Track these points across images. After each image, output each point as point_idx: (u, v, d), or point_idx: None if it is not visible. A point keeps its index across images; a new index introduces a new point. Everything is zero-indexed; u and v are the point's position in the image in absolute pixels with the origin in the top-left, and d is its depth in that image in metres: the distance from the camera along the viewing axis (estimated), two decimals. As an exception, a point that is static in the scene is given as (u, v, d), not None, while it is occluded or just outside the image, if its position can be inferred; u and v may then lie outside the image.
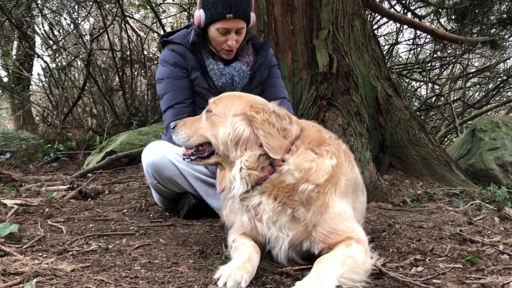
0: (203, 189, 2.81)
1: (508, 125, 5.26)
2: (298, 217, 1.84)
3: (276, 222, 1.85)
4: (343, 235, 1.83)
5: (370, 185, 3.67)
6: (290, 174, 1.83)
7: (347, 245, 1.77)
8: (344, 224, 1.86)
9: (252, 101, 1.94)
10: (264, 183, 1.85)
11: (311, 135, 1.92)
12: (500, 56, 10.09)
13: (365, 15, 4.94)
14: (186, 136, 2.05)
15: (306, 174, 1.82)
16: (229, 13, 2.71)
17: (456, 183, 4.39)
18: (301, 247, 1.90)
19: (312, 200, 1.82)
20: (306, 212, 1.83)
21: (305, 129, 1.96)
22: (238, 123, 1.85)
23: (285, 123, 1.89)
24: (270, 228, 1.86)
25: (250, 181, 1.84)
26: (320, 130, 2.00)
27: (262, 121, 1.81)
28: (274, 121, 1.84)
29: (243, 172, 1.84)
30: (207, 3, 2.75)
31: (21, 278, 1.67)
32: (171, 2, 9.77)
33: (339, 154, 1.92)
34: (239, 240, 1.94)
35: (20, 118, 9.38)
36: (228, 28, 2.76)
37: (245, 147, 1.84)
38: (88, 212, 2.96)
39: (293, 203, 1.84)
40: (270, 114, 1.85)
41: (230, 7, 2.70)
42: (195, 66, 2.89)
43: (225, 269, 1.67)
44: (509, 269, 1.95)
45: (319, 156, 1.85)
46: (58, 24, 8.89)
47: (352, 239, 1.81)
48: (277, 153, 1.80)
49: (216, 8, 2.71)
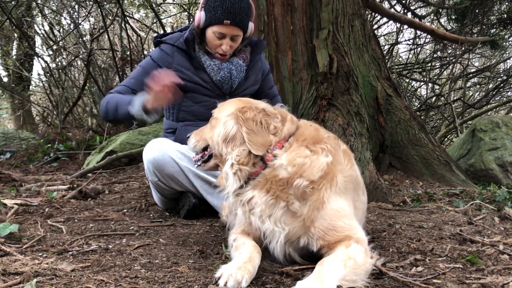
0: (203, 187, 2.81)
1: (508, 125, 5.26)
2: (294, 210, 1.83)
3: (271, 216, 1.86)
4: (341, 232, 1.82)
5: (370, 185, 3.67)
6: (283, 168, 1.84)
7: (347, 246, 1.77)
8: (342, 220, 1.85)
9: (245, 102, 2.00)
10: (257, 178, 1.88)
11: (307, 133, 1.94)
12: (500, 56, 10.09)
13: (365, 15, 4.94)
14: (194, 142, 2.16)
15: (299, 169, 1.83)
16: (227, 19, 2.79)
17: (456, 183, 4.39)
18: (298, 243, 1.89)
19: (307, 195, 1.82)
20: (302, 206, 1.83)
21: (301, 127, 1.98)
22: (228, 122, 1.93)
23: (275, 121, 1.93)
24: (264, 222, 1.87)
25: (242, 176, 1.88)
26: (317, 129, 2.01)
27: (247, 118, 1.88)
28: (259, 119, 1.89)
29: (234, 168, 1.88)
30: (209, 6, 2.83)
31: (21, 278, 1.67)
32: (171, 2, 9.78)
33: (335, 152, 1.93)
34: (240, 239, 1.94)
35: (20, 118, 9.38)
36: (224, 33, 2.85)
37: (234, 144, 1.89)
38: (88, 212, 2.96)
39: (287, 196, 1.84)
40: (257, 113, 1.91)
41: (229, 14, 2.79)
42: (183, 65, 2.96)
43: (226, 269, 1.67)
44: (509, 269, 1.95)
45: (314, 153, 1.86)
46: (58, 24, 8.89)
47: (351, 238, 1.81)
48: (258, 150, 1.85)
49: (216, 12, 2.80)
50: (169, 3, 9.70)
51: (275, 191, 1.85)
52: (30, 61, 9.58)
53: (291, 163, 1.84)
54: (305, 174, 1.82)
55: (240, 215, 1.97)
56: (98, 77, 7.98)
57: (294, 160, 1.84)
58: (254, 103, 2.00)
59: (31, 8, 8.62)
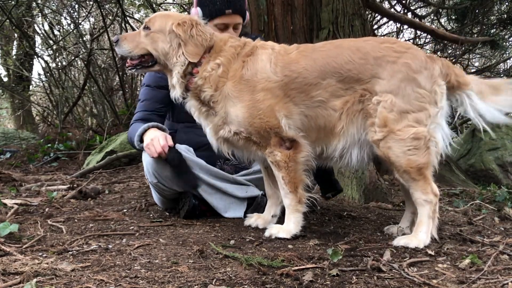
0: (203, 188, 2.81)
1: (508, 125, 5.26)
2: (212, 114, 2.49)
3: (201, 115, 2.54)
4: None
5: (370, 185, 3.67)
6: (198, 79, 2.46)
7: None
8: (241, 125, 2.43)
9: (180, 17, 2.53)
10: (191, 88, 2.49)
11: (216, 48, 2.48)
12: (500, 56, 10.08)
13: (365, 15, 4.94)
14: (129, 48, 2.51)
15: (204, 81, 2.45)
16: (228, 8, 2.81)
17: (456, 183, 4.39)
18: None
19: (215, 103, 2.45)
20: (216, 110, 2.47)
21: (216, 42, 2.49)
22: (171, 36, 2.46)
23: (205, 37, 2.46)
24: (200, 120, 2.57)
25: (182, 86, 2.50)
26: (226, 41, 2.50)
27: (184, 31, 2.44)
28: (194, 33, 2.44)
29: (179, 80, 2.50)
30: (205, 0, 2.82)
31: (21, 278, 1.67)
32: (171, 2, 9.78)
33: (227, 63, 2.44)
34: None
35: (20, 118, 9.36)
36: (227, 24, 2.85)
37: (178, 55, 2.45)
38: (88, 212, 2.96)
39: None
40: (191, 27, 2.44)
41: (229, 3, 2.81)
42: None
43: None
44: (509, 269, 1.95)
45: (213, 69, 2.44)
46: (58, 24, 8.89)
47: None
48: (194, 58, 2.44)
49: (214, 4, 2.81)
50: (169, 3, 9.69)
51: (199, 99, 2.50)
52: (30, 61, 9.57)
53: (201, 76, 2.45)
54: (206, 87, 2.44)
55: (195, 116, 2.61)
56: (98, 77, 7.97)
57: (201, 74, 2.45)
58: (186, 16, 2.55)
59: (31, 8, 8.61)
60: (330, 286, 1.78)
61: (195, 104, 2.53)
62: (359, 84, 2.35)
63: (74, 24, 8.23)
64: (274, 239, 2.41)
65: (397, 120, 2.29)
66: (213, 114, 2.50)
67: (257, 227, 2.64)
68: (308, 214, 2.65)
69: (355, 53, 2.37)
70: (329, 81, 2.36)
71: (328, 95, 2.37)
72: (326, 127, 2.41)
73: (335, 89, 2.37)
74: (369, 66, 2.34)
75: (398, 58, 2.34)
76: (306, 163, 2.45)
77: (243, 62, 2.44)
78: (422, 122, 2.31)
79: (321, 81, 2.37)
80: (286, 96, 2.39)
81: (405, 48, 2.40)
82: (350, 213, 3.11)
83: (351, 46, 2.42)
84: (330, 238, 2.47)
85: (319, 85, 2.37)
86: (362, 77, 2.34)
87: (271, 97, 2.38)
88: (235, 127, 2.44)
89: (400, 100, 2.29)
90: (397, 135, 2.29)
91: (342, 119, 2.38)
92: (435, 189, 2.35)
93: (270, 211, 2.69)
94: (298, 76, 2.38)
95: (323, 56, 2.40)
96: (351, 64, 2.35)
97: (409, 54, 2.36)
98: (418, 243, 2.26)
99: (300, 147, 2.42)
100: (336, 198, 3.42)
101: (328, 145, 2.45)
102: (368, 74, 2.34)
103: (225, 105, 2.44)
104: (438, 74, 2.36)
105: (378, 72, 2.33)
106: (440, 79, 2.37)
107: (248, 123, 2.41)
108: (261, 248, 2.25)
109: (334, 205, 3.32)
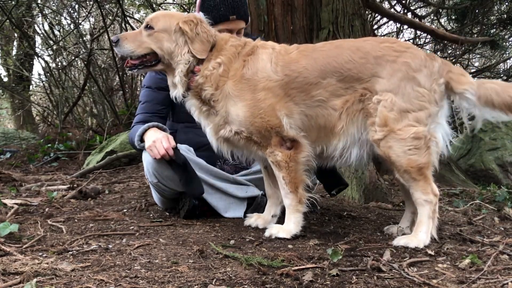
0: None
1: (508, 125, 5.26)
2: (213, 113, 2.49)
3: (201, 115, 2.53)
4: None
5: (370, 185, 3.67)
6: (200, 78, 2.45)
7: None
8: (241, 124, 2.43)
9: (183, 16, 2.53)
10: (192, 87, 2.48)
11: (218, 47, 2.48)
12: (500, 56, 10.08)
13: (365, 15, 4.94)
14: (131, 48, 2.48)
15: (205, 80, 2.44)
16: (232, 14, 2.80)
17: (456, 183, 4.39)
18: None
19: (215, 102, 2.45)
20: (216, 109, 2.46)
21: (217, 41, 2.49)
22: (177, 35, 2.45)
23: (210, 33, 2.47)
24: (200, 120, 2.56)
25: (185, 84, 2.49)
26: (227, 40, 2.51)
27: (190, 29, 2.43)
28: (199, 31, 2.44)
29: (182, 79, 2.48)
30: (208, 6, 2.81)
31: (21, 278, 1.67)
32: (172, 2, 9.78)
33: (228, 62, 2.44)
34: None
35: (20, 118, 9.36)
36: (231, 29, 2.83)
37: (183, 53, 2.45)
38: (88, 212, 2.96)
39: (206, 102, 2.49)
40: (196, 25, 2.45)
41: (233, 9, 2.80)
42: None
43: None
44: (509, 269, 1.95)
45: (214, 68, 2.44)
46: (59, 24, 8.88)
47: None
48: (202, 54, 2.44)
49: (218, 10, 2.79)
50: (169, 3, 9.69)
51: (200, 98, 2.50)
52: (30, 61, 9.57)
53: (202, 75, 2.45)
54: (207, 86, 2.44)
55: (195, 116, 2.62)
56: (98, 77, 7.96)
57: (202, 73, 2.45)
58: (189, 15, 2.52)
59: (31, 8, 8.60)
60: (330, 286, 1.78)
61: (195, 103, 2.52)
62: (359, 83, 2.35)
63: (74, 24, 8.23)
64: (274, 239, 2.41)
65: (397, 119, 2.29)
66: (213, 114, 2.49)
67: (257, 227, 2.64)
68: (308, 214, 2.65)
69: (355, 53, 2.38)
70: (330, 80, 2.37)
71: (328, 94, 2.38)
72: (326, 127, 2.41)
73: (335, 88, 2.37)
74: (369, 65, 2.34)
75: (397, 57, 2.34)
76: (306, 163, 2.45)
77: (244, 62, 2.44)
78: (423, 122, 2.31)
79: (322, 80, 2.37)
80: (286, 96, 2.39)
81: (405, 47, 2.40)
82: (350, 213, 3.11)
83: (351, 46, 2.42)
84: (330, 238, 2.47)
85: (319, 85, 2.37)
86: (362, 76, 2.35)
87: (272, 96, 2.38)
88: (236, 126, 2.44)
89: (400, 99, 2.30)
90: (397, 135, 2.29)
91: (342, 118, 2.38)
92: (435, 189, 2.35)
93: (270, 211, 2.69)
94: (299, 76, 2.38)
95: (323, 56, 2.41)
96: (351, 64, 2.36)
97: (408, 53, 2.36)
98: (418, 243, 2.27)
99: (301, 147, 2.42)
100: (336, 198, 3.42)
101: (328, 144, 2.45)
102: (368, 73, 2.34)
103: (225, 104, 2.44)
104: (437, 72, 2.36)
105: (378, 71, 2.33)
106: (440, 78, 2.37)
107: (249, 123, 2.41)
108: (261, 248, 2.25)
109: (334, 205, 3.32)
